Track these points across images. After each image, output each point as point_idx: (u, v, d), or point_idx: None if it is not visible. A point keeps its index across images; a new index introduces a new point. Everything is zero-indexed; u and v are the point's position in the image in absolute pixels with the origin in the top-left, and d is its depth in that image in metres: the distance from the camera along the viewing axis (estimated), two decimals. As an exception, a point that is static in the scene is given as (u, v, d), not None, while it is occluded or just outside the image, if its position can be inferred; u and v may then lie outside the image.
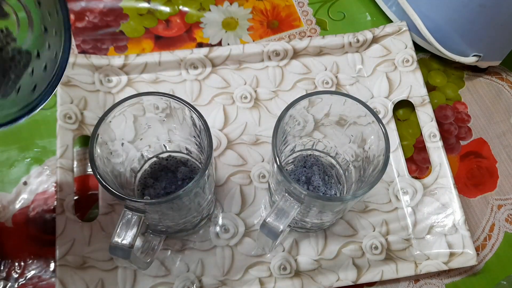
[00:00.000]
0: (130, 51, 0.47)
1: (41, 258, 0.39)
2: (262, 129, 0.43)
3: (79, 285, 0.36)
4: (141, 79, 0.44)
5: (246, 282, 0.38)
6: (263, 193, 0.41)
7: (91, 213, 0.40)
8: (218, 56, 0.45)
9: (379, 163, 0.30)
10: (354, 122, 0.34)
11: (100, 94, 0.43)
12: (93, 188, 0.41)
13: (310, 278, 0.38)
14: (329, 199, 0.32)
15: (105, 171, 0.30)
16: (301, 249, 0.39)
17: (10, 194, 0.41)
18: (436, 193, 0.41)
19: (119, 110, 0.31)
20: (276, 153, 0.30)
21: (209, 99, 0.44)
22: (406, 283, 0.40)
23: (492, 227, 0.42)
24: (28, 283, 0.38)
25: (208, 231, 0.39)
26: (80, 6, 0.49)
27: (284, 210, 0.30)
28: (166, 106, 0.32)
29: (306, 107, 0.33)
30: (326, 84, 0.46)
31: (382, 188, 0.42)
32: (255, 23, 0.50)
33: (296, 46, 0.45)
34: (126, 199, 0.28)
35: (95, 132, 0.29)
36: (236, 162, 0.42)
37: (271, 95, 0.45)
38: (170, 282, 0.37)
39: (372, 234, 0.40)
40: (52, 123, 0.41)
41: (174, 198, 0.28)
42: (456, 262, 0.39)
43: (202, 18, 0.50)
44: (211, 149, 0.30)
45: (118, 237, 0.28)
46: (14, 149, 0.42)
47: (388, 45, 0.46)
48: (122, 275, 0.37)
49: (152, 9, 0.50)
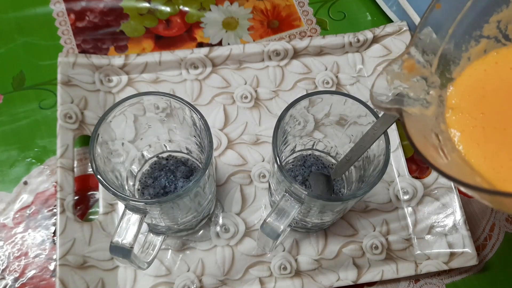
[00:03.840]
0: (131, 51, 0.47)
1: (41, 258, 0.39)
2: (262, 129, 0.43)
3: (79, 284, 0.36)
4: (142, 78, 0.44)
5: (246, 282, 0.38)
6: (264, 193, 0.41)
7: (92, 212, 0.40)
8: (219, 56, 0.45)
9: (380, 163, 0.30)
10: (355, 122, 0.34)
11: (100, 94, 0.43)
12: (94, 188, 0.41)
13: (310, 278, 0.38)
14: (329, 199, 0.32)
15: (105, 171, 0.30)
16: (301, 249, 0.39)
17: (11, 194, 0.41)
18: (437, 193, 0.41)
19: (120, 110, 0.31)
20: (277, 153, 0.30)
21: (209, 99, 0.44)
22: (406, 283, 0.40)
23: (492, 227, 0.42)
24: (28, 283, 0.38)
25: (209, 230, 0.39)
26: (80, 6, 0.49)
27: (285, 210, 0.30)
28: (166, 105, 0.32)
29: (307, 107, 0.33)
30: (326, 84, 0.46)
31: (383, 188, 0.42)
32: (256, 23, 0.50)
33: (296, 46, 0.45)
34: (127, 198, 0.28)
35: (96, 132, 0.29)
36: (236, 162, 0.42)
37: (272, 95, 0.45)
38: (170, 282, 0.37)
39: (372, 234, 0.40)
40: (53, 123, 0.41)
41: (174, 197, 0.28)
42: (456, 262, 0.39)
43: (202, 18, 0.50)
44: (211, 149, 0.30)
45: (119, 236, 0.28)
46: (15, 148, 0.42)
47: (389, 45, 0.46)
48: (123, 275, 0.38)
49: (152, 9, 0.50)
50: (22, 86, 0.45)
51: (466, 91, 0.26)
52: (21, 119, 0.44)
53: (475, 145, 0.23)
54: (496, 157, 0.23)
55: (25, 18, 0.48)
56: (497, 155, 0.23)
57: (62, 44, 0.47)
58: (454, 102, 0.25)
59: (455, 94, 0.26)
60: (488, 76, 0.25)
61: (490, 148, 0.23)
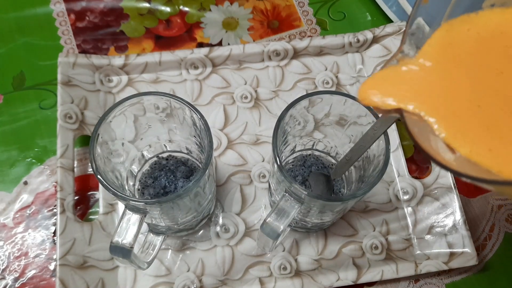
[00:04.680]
0: (131, 51, 0.47)
1: (41, 258, 0.39)
2: (262, 129, 0.43)
3: (79, 284, 0.36)
4: (142, 79, 0.44)
5: (246, 282, 0.38)
6: (263, 193, 0.41)
7: (92, 212, 0.40)
8: (219, 56, 0.45)
9: (380, 163, 0.30)
10: (354, 122, 0.34)
11: (100, 94, 0.43)
12: (94, 188, 0.41)
13: (310, 278, 0.38)
14: (329, 199, 0.32)
15: (105, 171, 0.30)
16: (301, 249, 0.39)
17: (11, 194, 0.41)
18: (436, 193, 0.41)
19: (120, 110, 0.31)
20: (277, 153, 0.30)
21: (209, 99, 0.44)
22: (406, 283, 0.40)
23: (492, 227, 0.42)
24: (28, 283, 0.38)
25: (209, 230, 0.39)
26: (80, 6, 0.49)
27: (285, 210, 0.30)
28: (166, 106, 0.32)
29: (307, 107, 0.33)
30: (326, 84, 0.46)
31: (383, 188, 0.42)
32: (256, 23, 0.50)
33: (296, 46, 0.45)
34: (127, 199, 0.28)
35: (96, 132, 0.29)
36: (236, 162, 0.42)
37: (272, 95, 0.45)
38: (170, 282, 0.37)
39: (372, 234, 0.40)
40: (53, 123, 0.41)
41: (174, 197, 0.28)
42: (456, 262, 0.39)
43: (202, 18, 0.50)
44: (211, 149, 0.30)
45: (119, 236, 0.28)
46: (15, 148, 0.42)
47: (389, 45, 0.46)
48: (123, 275, 0.38)
49: (152, 9, 0.50)
50: (22, 86, 0.45)
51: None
52: (21, 119, 0.44)
53: (458, 134, 0.21)
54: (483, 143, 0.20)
55: (25, 18, 0.48)
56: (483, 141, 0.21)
57: (62, 44, 0.47)
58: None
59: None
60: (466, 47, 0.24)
61: (473, 134, 0.21)
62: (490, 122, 0.21)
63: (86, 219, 0.40)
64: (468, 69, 0.22)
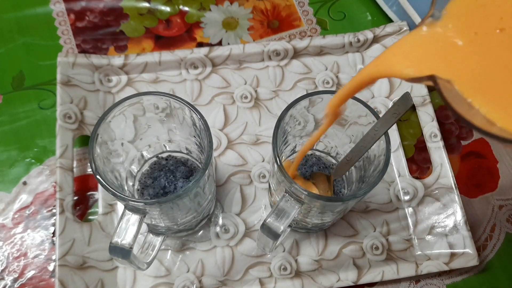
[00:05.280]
0: (130, 51, 0.47)
1: (41, 258, 0.39)
2: (262, 129, 0.43)
3: (79, 285, 0.35)
4: (141, 78, 0.44)
5: (246, 283, 0.38)
6: (263, 193, 0.41)
7: (91, 213, 0.40)
8: (219, 56, 0.45)
9: (380, 163, 0.30)
10: (355, 122, 0.34)
11: (100, 94, 0.43)
12: (93, 188, 0.41)
13: (311, 279, 0.38)
14: (329, 199, 0.32)
15: (105, 171, 0.30)
16: (301, 250, 0.39)
17: (10, 194, 0.41)
18: (437, 193, 0.41)
19: (119, 110, 0.30)
20: (277, 153, 0.30)
21: (209, 99, 0.44)
22: (407, 283, 0.40)
23: (493, 227, 0.42)
24: (27, 283, 0.38)
25: (208, 231, 0.39)
26: (80, 5, 0.49)
27: (285, 211, 0.30)
28: (166, 106, 0.32)
29: (307, 107, 0.33)
30: (326, 84, 0.45)
31: (383, 188, 0.42)
32: (256, 23, 0.50)
33: (296, 46, 0.45)
34: (126, 199, 0.28)
35: (95, 132, 0.29)
36: (236, 162, 0.42)
37: (272, 95, 0.45)
38: (170, 283, 0.37)
39: (372, 235, 0.40)
40: (52, 123, 0.41)
41: (174, 198, 0.28)
42: (457, 263, 0.38)
43: (202, 18, 0.50)
44: (211, 149, 0.29)
45: (118, 237, 0.28)
46: (14, 149, 0.42)
47: (389, 45, 0.46)
48: (122, 275, 0.37)
49: (152, 8, 0.50)
50: (22, 86, 0.45)
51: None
52: (20, 119, 0.43)
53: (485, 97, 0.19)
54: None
55: (25, 18, 0.48)
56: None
57: (62, 44, 0.47)
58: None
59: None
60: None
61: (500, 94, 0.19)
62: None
63: (85, 220, 0.40)
64: (505, 33, 0.20)
